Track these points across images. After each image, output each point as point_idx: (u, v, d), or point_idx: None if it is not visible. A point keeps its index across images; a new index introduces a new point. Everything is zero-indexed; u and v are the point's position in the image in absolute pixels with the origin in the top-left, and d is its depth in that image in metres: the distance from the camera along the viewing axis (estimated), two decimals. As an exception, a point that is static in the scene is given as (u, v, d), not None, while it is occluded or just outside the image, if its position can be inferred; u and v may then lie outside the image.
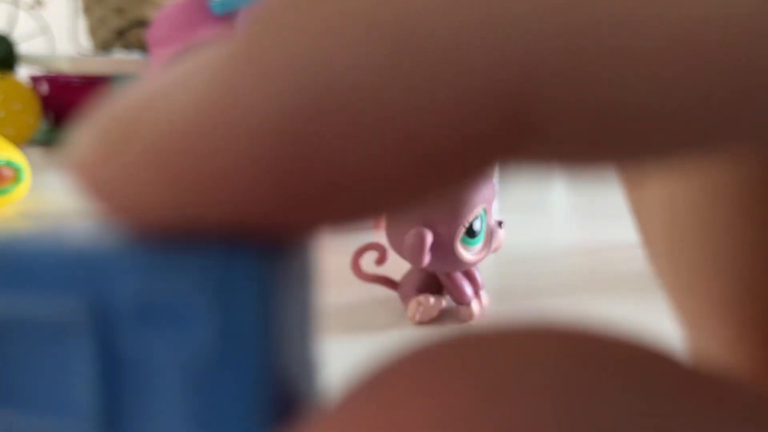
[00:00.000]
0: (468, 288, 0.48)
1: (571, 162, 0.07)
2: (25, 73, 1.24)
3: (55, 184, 0.85)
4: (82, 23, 1.35)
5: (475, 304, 0.48)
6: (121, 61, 1.14)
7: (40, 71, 1.24)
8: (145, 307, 0.08)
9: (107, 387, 0.08)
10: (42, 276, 0.08)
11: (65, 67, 1.10)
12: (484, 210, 0.46)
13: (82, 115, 0.08)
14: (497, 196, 0.48)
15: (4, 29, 1.22)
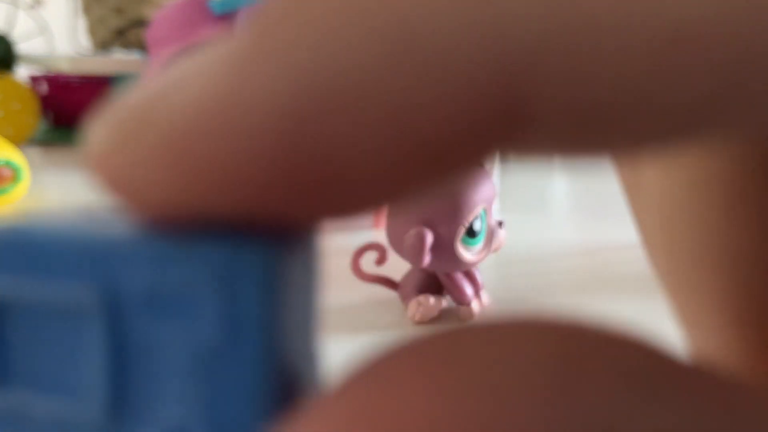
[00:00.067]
0: (468, 288, 0.48)
1: (567, 151, 0.07)
2: (24, 72, 1.24)
3: (55, 184, 0.85)
4: (82, 23, 1.35)
5: (475, 304, 0.48)
6: (121, 60, 1.14)
7: (39, 71, 1.24)
8: (154, 296, 0.08)
9: (115, 372, 0.08)
10: (56, 263, 0.08)
11: (64, 66, 1.10)
12: (485, 210, 0.46)
13: (95, 112, 0.08)
14: (497, 196, 0.48)
15: (3, 29, 1.22)
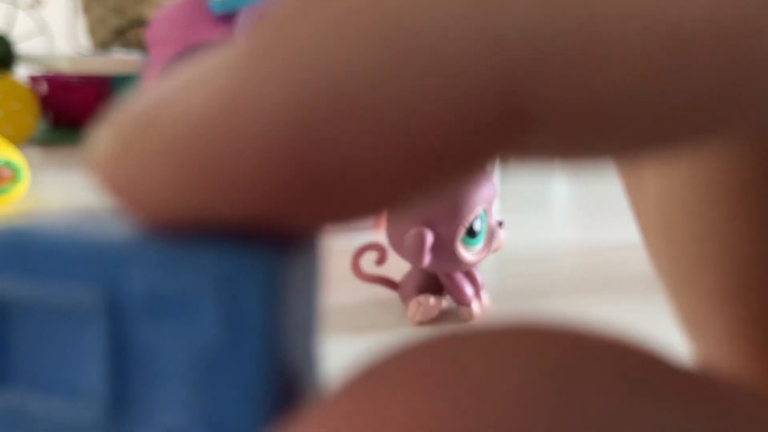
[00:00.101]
0: (468, 288, 0.47)
1: (568, 154, 0.07)
2: (24, 72, 1.24)
3: (54, 184, 0.85)
4: (81, 23, 1.35)
5: (475, 305, 0.48)
6: (120, 60, 1.14)
7: (39, 71, 1.24)
8: (155, 298, 0.08)
9: (116, 373, 0.08)
10: (58, 264, 0.08)
11: (64, 66, 1.10)
12: (485, 210, 0.46)
13: (99, 118, 0.09)
14: (498, 196, 0.48)
15: (2, 29, 1.22)
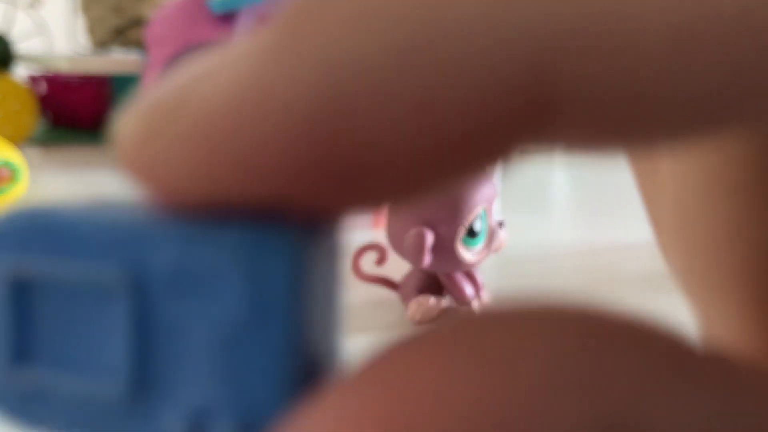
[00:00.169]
0: (468, 288, 0.47)
1: (588, 144, 0.07)
2: (23, 72, 1.23)
3: (53, 184, 0.85)
4: (80, 22, 1.35)
5: (475, 305, 0.47)
6: (120, 60, 1.14)
7: (38, 71, 1.24)
8: (179, 275, 0.08)
9: (140, 351, 0.08)
10: (83, 242, 0.09)
11: (63, 66, 1.10)
12: (485, 210, 0.46)
13: (122, 108, 0.09)
14: (498, 195, 0.48)
15: (1, 28, 1.21)
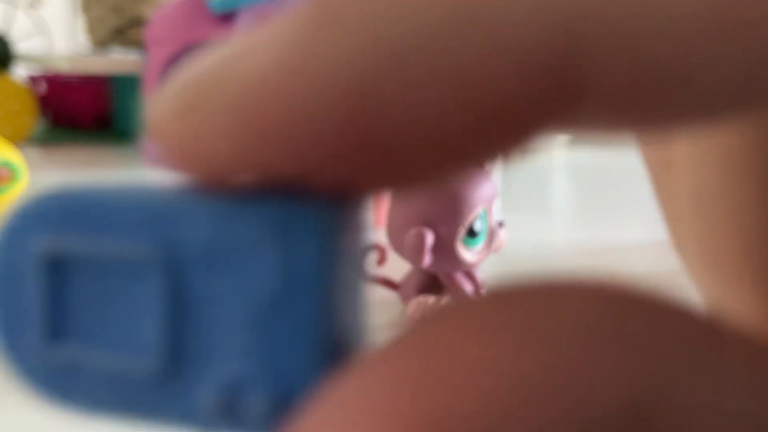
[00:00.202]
0: (469, 288, 0.47)
1: (613, 126, 0.08)
2: (22, 72, 1.23)
3: (53, 184, 0.85)
4: (80, 22, 1.34)
5: (476, 305, 0.47)
6: (120, 60, 1.14)
7: (37, 70, 1.23)
8: (212, 250, 0.08)
9: (173, 326, 0.09)
10: (117, 220, 0.09)
11: (63, 66, 1.10)
12: (485, 210, 0.46)
13: (152, 91, 0.09)
14: (498, 195, 0.48)
15: (1, 28, 1.21)
